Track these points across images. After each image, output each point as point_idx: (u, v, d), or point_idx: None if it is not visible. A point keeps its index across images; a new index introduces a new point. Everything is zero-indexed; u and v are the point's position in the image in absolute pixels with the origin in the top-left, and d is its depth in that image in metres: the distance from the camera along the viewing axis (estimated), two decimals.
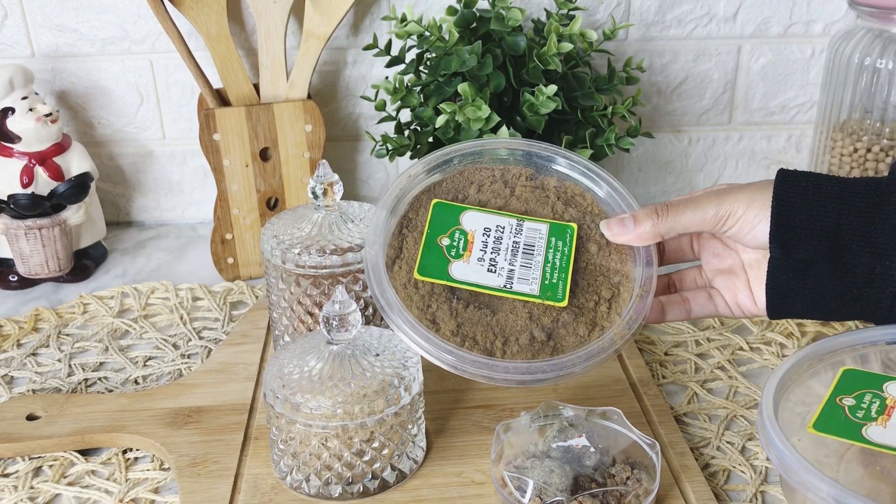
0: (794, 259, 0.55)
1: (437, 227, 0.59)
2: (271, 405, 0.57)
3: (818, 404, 0.51)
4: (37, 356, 0.77)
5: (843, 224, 0.53)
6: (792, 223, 0.54)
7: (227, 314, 0.83)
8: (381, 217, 0.59)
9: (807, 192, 0.54)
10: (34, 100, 0.85)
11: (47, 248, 0.86)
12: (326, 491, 0.57)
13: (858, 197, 0.54)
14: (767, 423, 0.49)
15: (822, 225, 0.54)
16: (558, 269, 0.58)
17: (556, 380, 0.55)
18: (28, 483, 0.62)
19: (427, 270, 0.57)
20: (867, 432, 0.49)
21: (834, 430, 0.49)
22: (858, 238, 0.53)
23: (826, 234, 0.54)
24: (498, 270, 0.57)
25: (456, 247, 0.58)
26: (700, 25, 0.95)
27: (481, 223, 0.59)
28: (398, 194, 0.60)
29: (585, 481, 0.55)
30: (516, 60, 0.81)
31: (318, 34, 0.86)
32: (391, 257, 0.58)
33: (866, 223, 0.53)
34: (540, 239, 0.59)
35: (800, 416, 0.51)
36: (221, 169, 0.86)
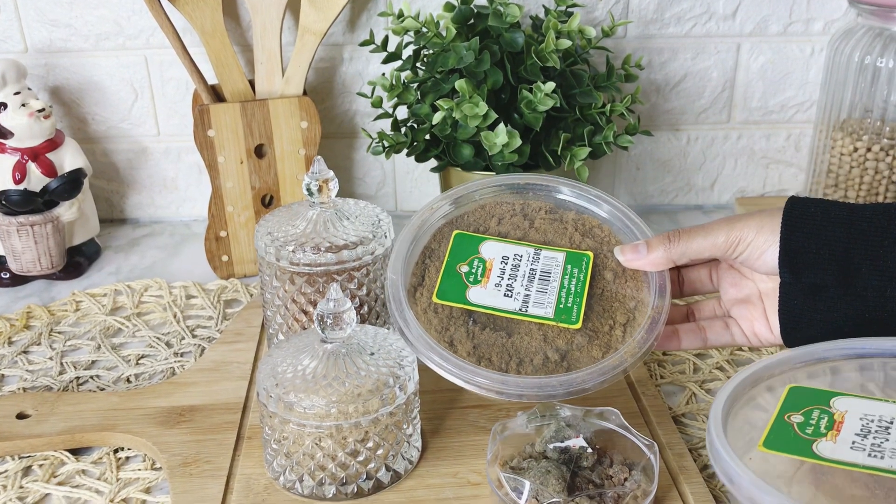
0: (804, 283, 0.56)
1: (457, 256, 0.61)
2: (264, 404, 0.56)
3: (767, 423, 0.50)
4: (28, 354, 0.76)
5: (853, 248, 0.54)
6: (801, 248, 0.55)
7: (221, 312, 0.82)
8: (403, 246, 0.61)
9: (815, 217, 0.55)
10: (27, 95, 0.84)
11: (39, 244, 0.85)
12: (320, 491, 0.56)
13: (867, 221, 0.54)
14: (717, 441, 0.49)
15: (830, 249, 0.54)
16: (573, 293, 0.59)
17: (566, 396, 0.55)
18: (17, 483, 0.61)
19: (445, 295, 0.59)
20: (818, 448, 0.48)
21: (784, 447, 0.49)
22: (868, 262, 0.54)
23: (835, 258, 0.54)
24: (514, 295, 0.59)
25: (474, 273, 0.60)
26: (699, 23, 0.95)
27: (499, 252, 0.61)
28: (420, 224, 0.63)
29: (582, 482, 0.54)
30: (514, 57, 0.80)
31: (314, 30, 0.85)
32: (413, 285, 0.60)
33: (876, 247, 0.54)
34: (556, 266, 0.60)
35: (749, 435, 0.50)
36: (216, 165, 0.85)
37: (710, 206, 1.04)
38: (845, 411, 0.50)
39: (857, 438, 0.48)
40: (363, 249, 0.65)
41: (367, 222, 0.67)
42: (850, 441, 0.48)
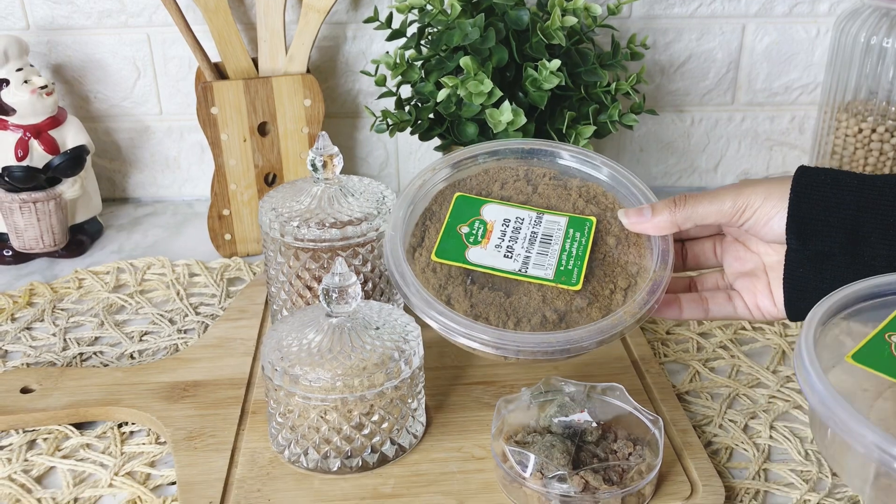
0: (811, 251, 0.55)
1: (458, 217, 0.60)
2: (269, 377, 0.56)
3: (864, 338, 0.49)
4: (31, 330, 0.76)
5: (862, 217, 0.53)
6: (809, 215, 0.54)
7: (225, 290, 0.82)
8: (402, 207, 0.60)
9: (825, 185, 0.54)
10: (29, 72, 0.84)
11: (42, 222, 0.85)
12: (325, 465, 0.57)
13: (878, 190, 0.53)
14: (803, 345, 0.47)
15: (839, 217, 0.53)
16: (574, 257, 0.58)
17: (563, 354, 0.55)
18: (22, 456, 0.61)
19: (444, 254, 0.58)
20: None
21: (873, 363, 0.47)
22: (878, 231, 0.53)
23: (844, 225, 0.53)
24: (514, 256, 0.58)
25: (475, 234, 0.59)
26: (704, 4, 0.94)
27: (501, 214, 0.60)
28: (421, 185, 0.62)
29: (587, 457, 0.54)
30: (519, 35, 0.80)
31: (317, 7, 0.85)
32: (412, 245, 0.59)
33: (886, 215, 0.53)
34: (558, 230, 0.59)
35: (842, 348, 0.49)
36: (219, 143, 0.84)
37: (713, 187, 1.03)
38: None
39: None
40: (367, 226, 0.65)
41: (371, 199, 0.66)
42: None
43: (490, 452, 0.58)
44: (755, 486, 0.58)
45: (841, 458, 0.48)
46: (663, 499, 0.55)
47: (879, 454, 0.43)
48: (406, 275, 0.57)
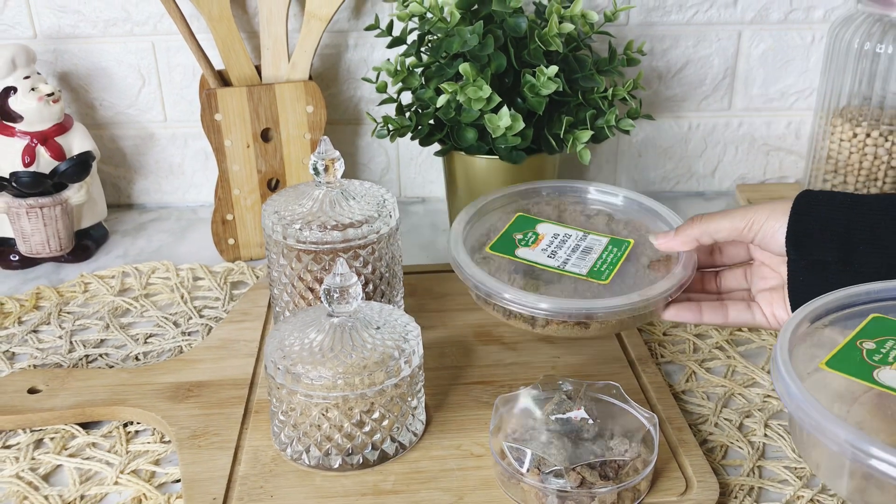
0: (807, 260, 0.60)
1: (515, 229, 0.70)
2: (272, 376, 0.57)
3: (838, 345, 0.52)
4: (38, 333, 0.77)
5: (852, 228, 0.59)
6: (805, 229, 0.60)
7: (228, 293, 0.83)
8: (469, 213, 0.71)
9: (821, 203, 0.61)
10: (36, 79, 0.86)
11: (48, 227, 0.86)
12: (326, 462, 0.58)
13: (867, 205, 0.60)
14: (779, 356, 0.50)
15: (832, 230, 0.60)
16: (608, 263, 0.66)
17: (586, 312, 0.61)
18: (29, 455, 0.62)
19: (497, 248, 0.68)
20: (878, 375, 0.49)
21: (846, 369, 0.50)
22: (866, 241, 0.59)
23: (836, 237, 0.59)
24: (556, 257, 0.67)
25: (526, 240, 0.68)
26: (701, 11, 0.96)
27: (552, 230, 0.70)
28: (486, 203, 0.73)
29: (584, 453, 0.55)
30: (517, 42, 0.81)
31: (319, 15, 0.86)
32: (473, 248, 0.68)
33: (873, 227, 0.58)
34: (599, 245, 0.68)
35: (816, 356, 0.52)
36: (223, 149, 0.86)
37: (711, 192, 1.05)
38: None
39: None
40: (368, 228, 0.66)
41: (372, 202, 0.68)
42: None
43: (488, 450, 0.59)
44: (749, 482, 0.59)
45: (818, 457, 0.49)
46: (659, 494, 0.56)
47: (852, 451, 0.44)
48: (461, 261, 0.65)
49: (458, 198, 0.87)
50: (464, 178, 0.85)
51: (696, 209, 1.01)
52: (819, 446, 0.48)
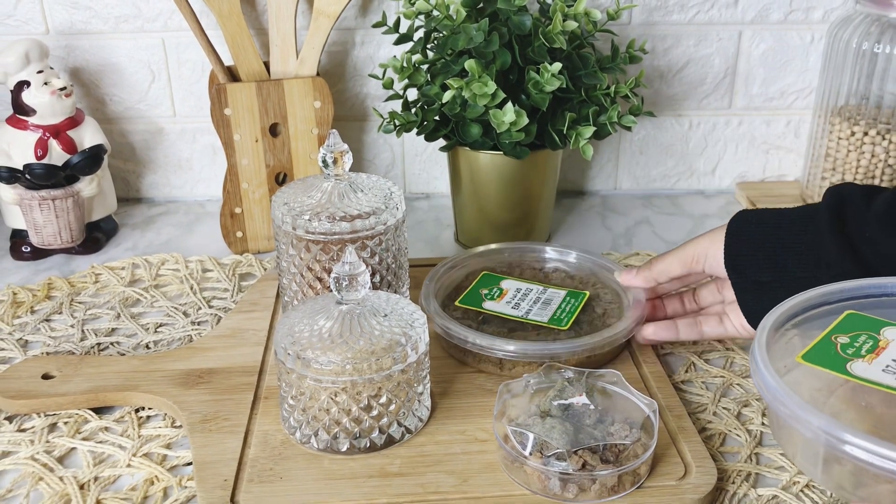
0: (748, 281, 0.65)
1: (481, 285, 0.76)
2: (282, 361, 0.59)
3: (814, 340, 0.55)
4: (50, 322, 0.79)
5: (779, 249, 0.64)
6: (739, 252, 0.65)
7: (237, 285, 0.85)
8: (438, 272, 0.77)
9: (751, 224, 0.65)
10: (49, 74, 0.87)
11: (60, 218, 0.88)
12: (334, 445, 0.59)
13: (790, 223, 0.64)
14: (757, 352, 0.53)
15: (763, 252, 0.64)
16: (567, 312, 0.72)
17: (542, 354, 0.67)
18: (44, 438, 0.64)
19: (465, 301, 0.74)
20: (851, 367, 0.52)
21: (821, 361, 0.52)
22: (793, 258, 0.63)
23: (767, 258, 0.64)
24: (519, 308, 0.73)
25: (492, 294, 0.75)
26: (702, 11, 0.97)
27: (515, 286, 0.76)
28: (453, 265, 0.78)
29: (585, 437, 0.57)
30: (522, 39, 0.83)
31: (327, 13, 0.88)
32: (444, 302, 0.74)
33: (797, 244, 0.63)
34: (557, 297, 0.74)
35: (793, 351, 0.54)
36: (232, 143, 0.87)
37: (711, 190, 1.07)
38: (892, 339, 0.53)
39: (893, 363, 0.51)
40: (376, 219, 0.67)
41: (379, 194, 0.69)
42: (884, 364, 0.51)
43: (492, 435, 0.60)
44: (747, 468, 0.60)
45: (794, 446, 0.52)
46: (658, 479, 0.57)
47: (826, 438, 0.46)
48: (434, 311, 0.71)
49: (463, 193, 0.89)
50: (468, 174, 0.87)
51: (697, 206, 1.03)
52: (795, 434, 0.50)
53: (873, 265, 0.60)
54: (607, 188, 1.06)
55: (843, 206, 0.62)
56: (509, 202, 0.87)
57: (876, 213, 0.61)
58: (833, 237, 0.61)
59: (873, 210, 0.61)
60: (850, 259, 0.60)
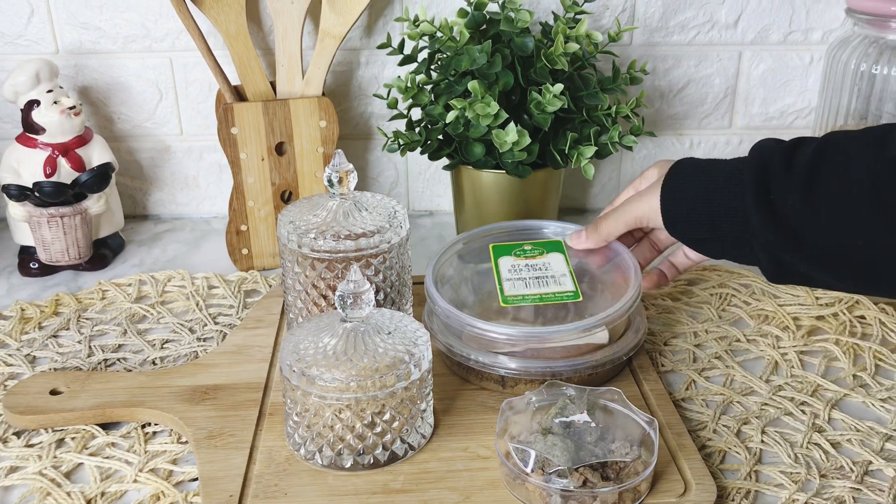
0: (689, 238, 0.68)
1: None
2: (287, 378, 0.59)
3: None
4: (58, 338, 0.80)
5: (712, 210, 0.65)
6: (676, 217, 0.67)
7: (242, 301, 0.86)
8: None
9: (683, 187, 0.66)
10: (58, 93, 0.88)
11: (68, 235, 0.89)
12: (338, 461, 0.60)
13: (719, 188, 0.64)
14: None
15: (697, 213, 0.66)
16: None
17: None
18: (51, 453, 0.64)
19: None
20: None
21: None
22: (724, 218, 0.64)
23: (701, 220, 0.65)
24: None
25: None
26: (702, 32, 0.99)
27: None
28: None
29: (586, 455, 0.57)
30: (524, 60, 0.84)
31: (333, 34, 0.89)
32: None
33: (727, 208, 0.64)
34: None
35: None
36: (238, 162, 0.89)
37: None
38: None
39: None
40: (380, 238, 0.68)
41: (383, 213, 0.70)
42: None
43: (494, 452, 0.61)
44: (746, 486, 0.61)
45: None
46: (658, 496, 0.58)
47: None
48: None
49: (466, 211, 0.90)
50: (471, 192, 0.88)
51: None
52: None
53: (798, 232, 0.61)
54: None
55: (765, 170, 0.63)
56: (511, 220, 0.88)
57: (797, 179, 0.61)
58: (757, 207, 0.62)
59: (794, 177, 0.61)
60: (773, 230, 0.61)
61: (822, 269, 0.62)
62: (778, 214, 0.61)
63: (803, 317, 0.82)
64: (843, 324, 0.81)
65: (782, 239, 0.61)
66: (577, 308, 0.70)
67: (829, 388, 0.72)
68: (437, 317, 0.72)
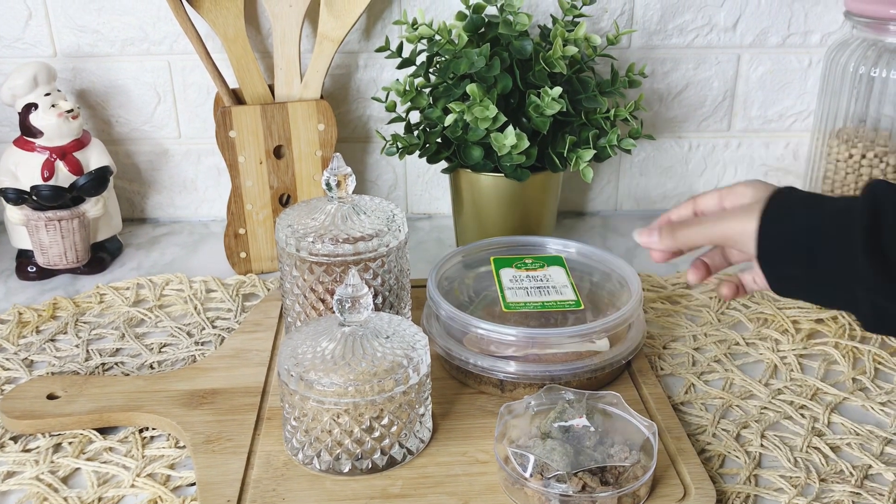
0: (779, 273, 0.61)
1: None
2: (285, 382, 0.59)
3: None
4: (55, 342, 0.79)
5: (813, 252, 0.59)
6: (771, 248, 0.60)
7: (240, 305, 0.85)
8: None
9: (785, 221, 0.60)
10: (56, 96, 0.88)
11: (66, 239, 0.89)
12: (337, 466, 0.60)
13: (828, 225, 0.58)
14: None
15: (796, 250, 0.59)
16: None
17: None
18: (48, 458, 0.64)
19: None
20: None
21: None
22: (825, 263, 0.58)
23: (799, 258, 0.59)
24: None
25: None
26: (701, 35, 0.98)
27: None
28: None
29: (585, 459, 0.57)
30: (523, 64, 0.84)
31: (331, 37, 0.89)
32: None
33: (831, 252, 0.58)
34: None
35: None
36: (236, 165, 0.89)
37: None
38: None
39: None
40: (378, 241, 0.68)
41: (382, 217, 0.70)
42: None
43: (493, 456, 0.61)
44: (746, 490, 0.61)
45: None
46: (657, 501, 0.58)
47: None
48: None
49: (465, 214, 0.90)
50: (470, 195, 0.88)
51: None
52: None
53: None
54: (608, 209, 1.07)
55: (877, 216, 0.57)
56: (510, 223, 0.88)
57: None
58: (866, 251, 0.56)
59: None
60: (881, 277, 0.56)
61: None
62: (889, 261, 0.56)
63: (803, 320, 0.82)
64: (842, 327, 0.81)
65: (890, 286, 0.56)
66: (579, 317, 0.71)
67: (829, 392, 0.72)
68: (437, 320, 0.72)
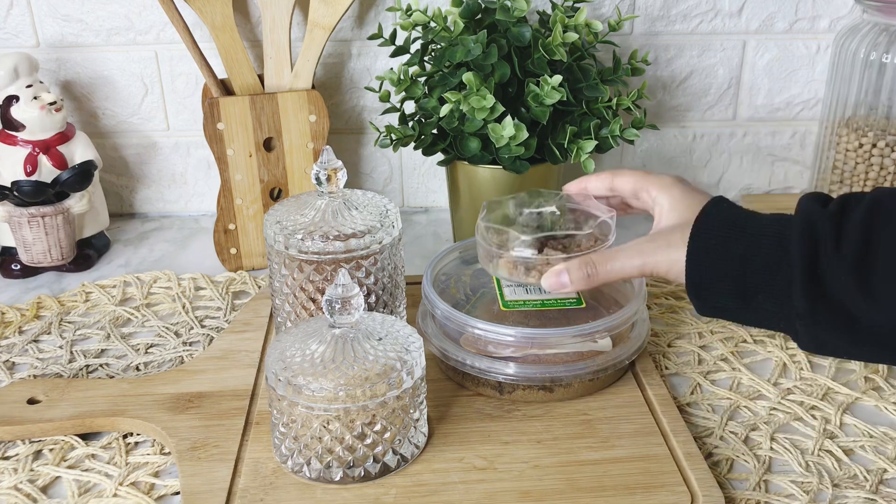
0: (711, 305, 0.61)
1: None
2: (273, 388, 0.57)
3: None
4: (38, 343, 0.77)
5: (747, 283, 0.58)
6: (702, 282, 0.60)
7: (230, 303, 0.83)
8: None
9: (714, 251, 0.59)
10: (39, 88, 0.85)
11: (50, 236, 0.86)
12: (327, 474, 0.57)
13: (763, 256, 0.58)
14: None
15: (729, 282, 0.59)
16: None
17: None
18: (28, 466, 0.61)
19: None
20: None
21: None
22: (762, 295, 0.58)
23: (733, 290, 0.59)
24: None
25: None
26: (705, 20, 0.95)
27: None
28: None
29: (553, 242, 0.65)
30: (521, 51, 0.81)
31: (322, 24, 0.86)
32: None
33: (766, 283, 0.58)
34: None
35: None
36: (225, 158, 0.86)
37: None
38: None
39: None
40: (371, 238, 0.65)
41: (374, 212, 0.67)
42: None
43: (492, 463, 0.58)
44: (756, 496, 0.58)
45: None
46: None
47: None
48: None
49: (462, 207, 0.87)
50: (467, 188, 0.85)
51: None
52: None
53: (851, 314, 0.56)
54: None
55: (815, 244, 0.56)
56: None
57: (850, 260, 0.55)
58: (803, 284, 0.56)
59: (846, 257, 0.56)
60: (822, 310, 0.56)
61: (872, 348, 0.57)
62: (828, 295, 0.55)
63: None
64: None
65: (830, 318, 0.56)
66: (580, 316, 0.68)
67: (841, 392, 0.69)
68: (433, 319, 0.69)
